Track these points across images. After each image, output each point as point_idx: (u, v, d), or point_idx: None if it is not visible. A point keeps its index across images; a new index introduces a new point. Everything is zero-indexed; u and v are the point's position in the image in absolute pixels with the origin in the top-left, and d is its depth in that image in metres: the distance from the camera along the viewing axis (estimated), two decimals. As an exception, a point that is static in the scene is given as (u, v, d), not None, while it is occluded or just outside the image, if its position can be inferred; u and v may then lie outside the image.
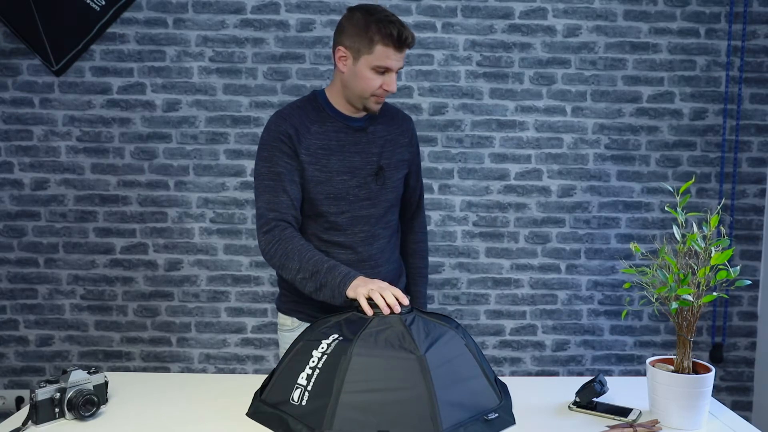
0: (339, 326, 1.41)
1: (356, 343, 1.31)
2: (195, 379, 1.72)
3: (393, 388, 1.26)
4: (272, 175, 1.64)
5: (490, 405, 1.35)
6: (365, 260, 1.75)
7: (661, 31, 2.74)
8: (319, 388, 1.29)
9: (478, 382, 1.36)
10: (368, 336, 1.33)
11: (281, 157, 1.63)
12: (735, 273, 1.34)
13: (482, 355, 1.46)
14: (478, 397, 1.34)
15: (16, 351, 2.81)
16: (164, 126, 2.74)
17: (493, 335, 2.85)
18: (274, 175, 1.63)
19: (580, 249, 2.83)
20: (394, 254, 1.85)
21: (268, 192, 1.64)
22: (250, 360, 2.84)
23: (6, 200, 2.75)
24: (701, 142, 2.80)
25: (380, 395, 1.25)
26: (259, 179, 1.66)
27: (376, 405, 1.24)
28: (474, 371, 1.37)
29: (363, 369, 1.27)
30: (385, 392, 1.26)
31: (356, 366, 1.27)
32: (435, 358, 1.30)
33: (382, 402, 1.25)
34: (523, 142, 2.78)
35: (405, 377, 1.26)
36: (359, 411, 1.24)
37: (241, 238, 2.79)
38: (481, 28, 2.73)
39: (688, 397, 1.35)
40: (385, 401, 1.25)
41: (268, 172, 1.64)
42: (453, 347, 1.36)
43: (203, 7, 2.69)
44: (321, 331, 1.41)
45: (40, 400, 1.34)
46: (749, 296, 2.86)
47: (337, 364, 1.28)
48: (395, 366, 1.28)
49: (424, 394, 1.25)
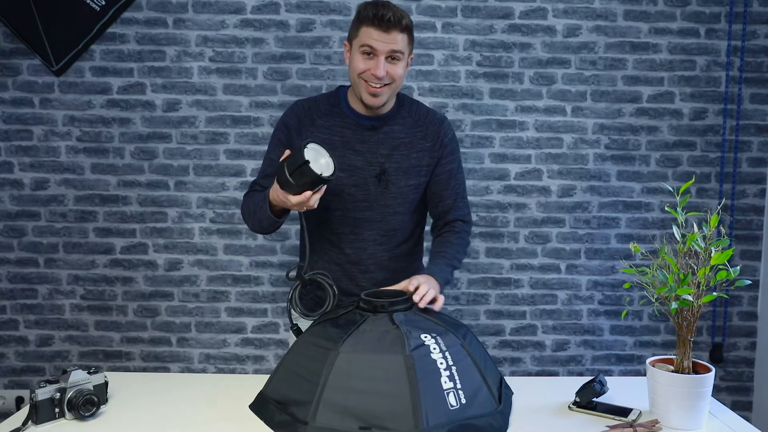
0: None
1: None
2: (195, 379, 1.72)
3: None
4: (268, 159, 1.74)
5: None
6: (354, 263, 1.73)
7: (661, 31, 2.74)
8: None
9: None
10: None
11: (277, 145, 1.71)
12: (735, 273, 1.34)
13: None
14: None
15: (16, 351, 2.81)
16: (164, 126, 2.74)
17: (493, 335, 2.85)
18: (269, 159, 1.73)
19: (580, 249, 2.83)
20: (395, 263, 1.76)
21: (260, 172, 1.75)
22: (250, 360, 2.84)
23: (6, 200, 2.75)
24: (701, 142, 2.80)
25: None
26: (264, 156, 1.78)
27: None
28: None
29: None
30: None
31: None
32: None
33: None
34: (523, 142, 2.78)
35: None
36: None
37: (241, 238, 2.79)
38: (481, 28, 2.73)
39: (688, 397, 1.35)
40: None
41: (267, 155, 1.75)
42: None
43: (203, 7, 2.69)
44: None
45: (40, 400, 1.34)
46: (749, 296, 2.86)
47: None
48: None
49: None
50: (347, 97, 1.71)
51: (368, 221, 1.70)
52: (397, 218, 1.73)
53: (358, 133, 1.68)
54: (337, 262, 1.73)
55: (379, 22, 1.56)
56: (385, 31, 1.56)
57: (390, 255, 1.75)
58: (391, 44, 1.58)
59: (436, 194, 1.75)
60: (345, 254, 1.72)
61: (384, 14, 1.55)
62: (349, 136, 1.68)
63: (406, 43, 1.62)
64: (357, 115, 1.69)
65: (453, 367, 1.32)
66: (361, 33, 1.59)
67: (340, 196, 1.68)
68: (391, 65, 1.60)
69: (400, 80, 1.64)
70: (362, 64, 1.59)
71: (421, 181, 1.73)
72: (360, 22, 1.59)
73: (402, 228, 1.75)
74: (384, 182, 1.68)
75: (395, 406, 1.24)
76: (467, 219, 1.80)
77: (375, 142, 1.68)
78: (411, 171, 1.71)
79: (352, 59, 1.62)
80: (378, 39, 1.57)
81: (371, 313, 1.41)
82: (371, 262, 1.73)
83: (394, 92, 1.66)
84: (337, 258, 1.73)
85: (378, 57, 1.58)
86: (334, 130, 1.69)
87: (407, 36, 1.61)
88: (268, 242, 2.79)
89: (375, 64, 1.58)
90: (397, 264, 1.76)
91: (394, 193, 1.70)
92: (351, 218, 1.70)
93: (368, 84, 1.60)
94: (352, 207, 1.69)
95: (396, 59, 1.60)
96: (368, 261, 1.73)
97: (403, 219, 1.74)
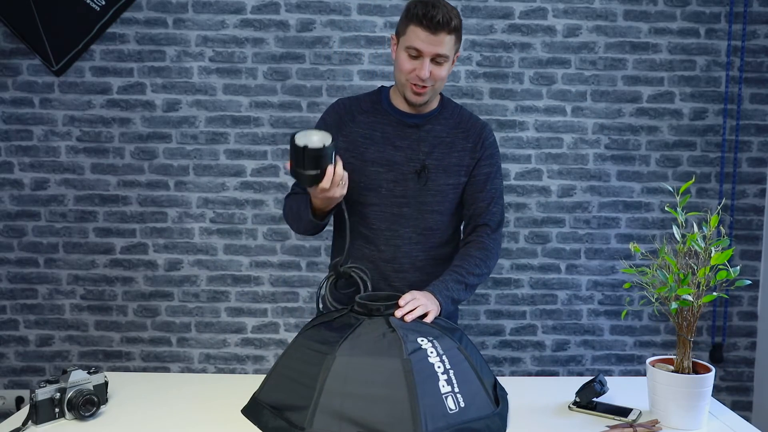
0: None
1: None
2: (195, 379, 1.72)
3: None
4: None
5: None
6: (388, 260, 1.70)
7: (661, 31, 2.74)
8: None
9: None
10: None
11: None
12: (735, 273, 1.34)
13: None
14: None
15: (16, 351, 2.81)
16: (164, 126, 2.74)
17: (493, 335, 2.85)
18: None
19: (580, 249, 2.83)
20: (431, 266, 1.72)
21: None
22: (250, 360, 2.84)
23: (6, 200, 2.75)
24: (701, 142, 2.80)
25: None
26: None
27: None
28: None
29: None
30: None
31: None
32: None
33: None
34: (523, 142, 2.78)
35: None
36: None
37: (241, 238, 2.79)
38: (481, 28, 2.73)
39: (688, 397, 1.35)
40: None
41: None
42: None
43: (203, 7, 2.69)
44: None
45: (40, 400, 1.34)
46: (749, 296, 2.86)
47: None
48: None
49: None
50: (389, 96, 1.72)
51: (405, 218, 1.68)
52: (434, 217, 1.70)
53: (399, 130, 1.68)
54: (371, 260, 1.70)
55: (428, 23, 1.54)
56: (433, 32, 1.54)
57: (426, 256, 1.72)
58: (437, 47, 1.56)
59: (471, 195, 1.73)
60: (380, 251, 1.70)
61: (434, 15, 1.53)
62: (389, 133, 1.68)
63: (453, 44, 1.60)
64: (399, 112, 1.69)
65: (450, 370, 1.31)
66: (408, 32, 1.57)
67: (378, 191, 1.66)
68: (435, 67, 1.59)
69: (443, 81, 1.63)
70: (408, 64, 1.59)
71: (460, 180, 1.71)
72: (409, 20, 1.57)
73: (439, 228, 1.72)
74: (423, 179, 1.67)
75: (394, 411, 1.22)
76: (498, 225, 1.74)
77: (416, 139, 1.68)
78: (451, 169, 1.69)
79: (398, 58, 1.62)
80: (425, 41, 1.55)
81: (366, 316, 1.40)
82: (406, 261, 1.70)
83: (436, 92, 1.66)
84: (371, 255, 1.70)
85: (424, 58, 1.57)
86: (375, 127, 1.69)
87: (455, 37, 1.59)
88: (268, 242, 2.79)
89: (420, 66, 1.57)
90: (433, 268, 1.72)
91: (433, 191, 1.68)
92: (388, 214, 1.68)
93: (412, 84, 1.60)
94: (389, 202, 1.67)
95: (441, 62, 1.59)
96: (403, 260, 1.70)
97: (441, 219, 1.72)
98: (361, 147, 1.67)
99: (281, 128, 2.74)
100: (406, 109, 1.69)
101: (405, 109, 1.69)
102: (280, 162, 2.76)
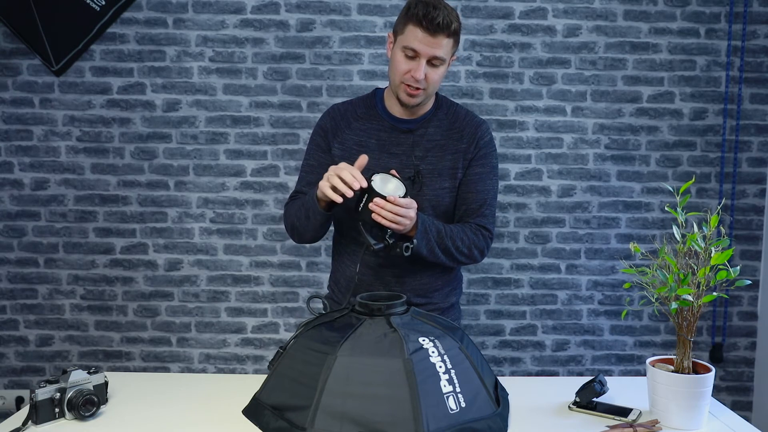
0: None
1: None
2: (195, 379, 1.72)
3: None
4: (307, 166, 1.75)
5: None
6: (386, 266, 1.69)
7: (661, 31, 2.74)
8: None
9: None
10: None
11: (316, 151, 1.73)
12: (735, 273, 1.34)
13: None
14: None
15: (16, 351, 2.81)
16: (164, 126, 2.74)
17: (493, 335, 2.85)
18: (308, 166, 1.74)
19: (580, 249, 2.83)
20: (429, 270, 1.71)
21: (300, 180, 1.76)
22: (250, 360, 2.84)
23: (6, 200, 2.75)
24: (701, 142, 2.80)
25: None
26: (301, 165, 1.79)
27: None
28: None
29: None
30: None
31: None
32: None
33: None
34: (523, 142, 2.78)
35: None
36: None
37: (241, 238, 2.79)
38: (481, 28, 2.73)
39: (688, 397, 1.35)
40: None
41: (305, 162, 1.76)
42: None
43: (203, 7, 2.69)
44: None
45: (40, 400, 1.34)
46: (749, 296, 2.86)
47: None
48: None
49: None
50: (383, 99, 1.70)
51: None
52: None
53: (393, 136, 1.67)
54: (371, 267, 1.70)
55: (428, 24, 1.52)
56: (432, 34, 1.53)
57: (425, 262, 1.68)
58: (435, 49, 1.54)
59: (461, 196, 1.70)
60: (378, 257, 1.67)
61: (434, 17, 1.51)
62: (384, 139, 1.67)
63: (450, 48, 1.58)
64: (393, 117, 1.68)
65: (452, 370, 1.31)
66: (407, 32, 1.55)
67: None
68: (431, 69, 1.57)
69: (438, 84, 1.61)
70: (404, 65, 1.57)
71: (455, 183, 1.69)
72: (408, 19, 1.55)
73: None
74: (418, 184, 1.65)
75: (395, 411, 1.22)
76: (489, 228, 1.71)
77: (410, 144, 1.66)
78: (445, 173, 1.67)
79: (394, 56, 1.60)
80: (423, 42, 1.53)
81: (368, 316, 1.40)
82: (404, 266, 1.68)
83: (430, 95, 1.64)
84: (370, 261, 1.69)
85: (420, 59, 1.55)
86: (369, 133, 1.68)
87: (453, 40, 1.58)
88: (268, 242, 2.79)
89: (416, 66, 1.56)
90: (431, 273, 1.71)
91: (428, 196, 1.67)
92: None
93: (406, 85, 1.58)
94: None
95: (437, 64, 1.58)
96: (401, 265, 1.68)
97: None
98: (356, 155, 1.64)
99: (281, 128, 2.74)
100: (400, 112, 1.67)
101: (399, 113, 1.68)
102: (280, 162, 2.76)
